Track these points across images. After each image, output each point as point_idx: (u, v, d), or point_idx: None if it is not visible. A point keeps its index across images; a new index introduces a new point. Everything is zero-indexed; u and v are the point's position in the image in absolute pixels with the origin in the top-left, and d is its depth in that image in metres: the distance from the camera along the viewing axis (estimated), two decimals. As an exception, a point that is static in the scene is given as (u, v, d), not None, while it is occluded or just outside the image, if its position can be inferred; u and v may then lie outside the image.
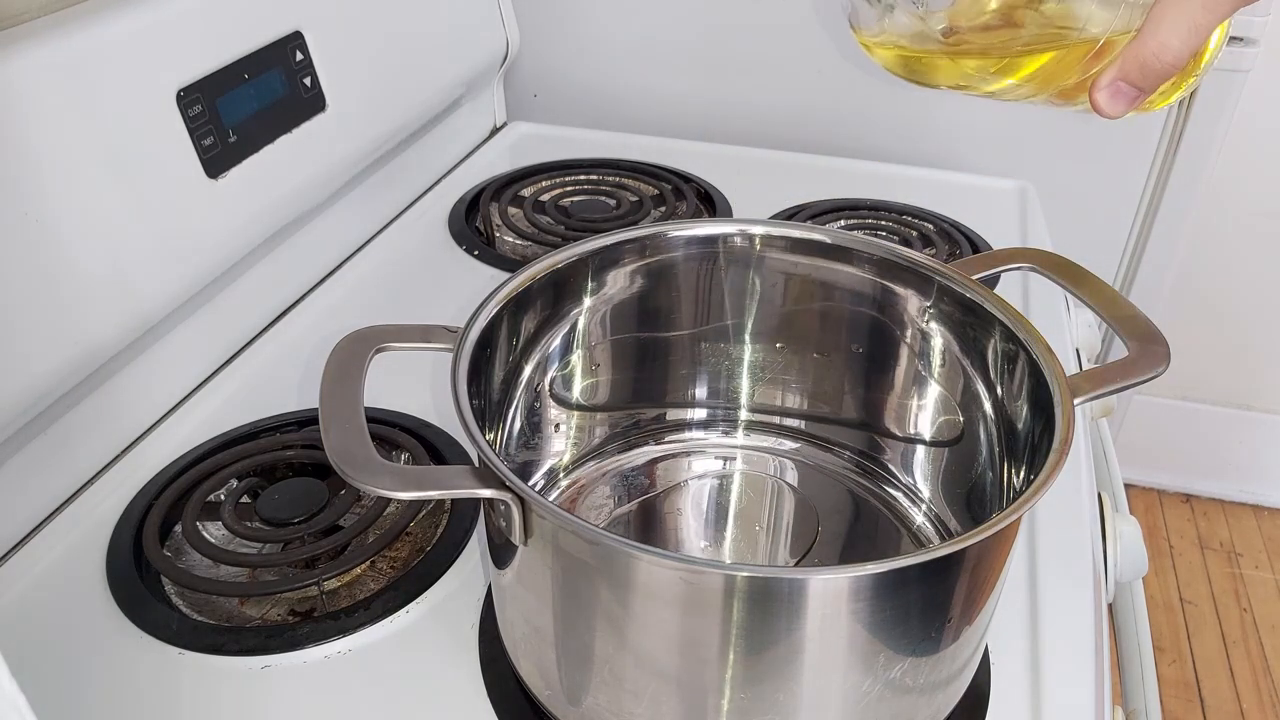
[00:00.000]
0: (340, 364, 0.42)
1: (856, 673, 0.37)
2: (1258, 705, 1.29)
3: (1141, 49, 0.39)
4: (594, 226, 0.85)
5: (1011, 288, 0.77)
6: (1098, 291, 0.48)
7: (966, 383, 0.49)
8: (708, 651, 0.37)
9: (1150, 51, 0.39)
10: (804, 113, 1.09)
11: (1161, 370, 0.44)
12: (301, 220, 0.76)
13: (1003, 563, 0.41)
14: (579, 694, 0.41)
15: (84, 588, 0.52)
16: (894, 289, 0.51)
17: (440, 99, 0.91)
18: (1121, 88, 0.41)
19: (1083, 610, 0.51)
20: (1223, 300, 1.42)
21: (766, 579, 0.35)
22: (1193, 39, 0.39)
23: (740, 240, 0.53)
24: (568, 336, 0.52)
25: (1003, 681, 0.47)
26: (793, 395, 0.57)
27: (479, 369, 0.44)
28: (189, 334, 0.66)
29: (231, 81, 0.65)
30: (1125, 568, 0.64)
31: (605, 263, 0.51)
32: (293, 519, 0.54)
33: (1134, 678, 0.71)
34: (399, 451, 0.60)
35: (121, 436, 0.62)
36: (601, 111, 1.14)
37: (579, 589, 0.38)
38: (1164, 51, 0.39)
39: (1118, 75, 0.41)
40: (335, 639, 0.48)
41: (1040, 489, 0.36)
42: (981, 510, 0.49)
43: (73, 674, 0.47)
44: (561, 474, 0.56)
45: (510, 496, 0.37)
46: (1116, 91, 0.41)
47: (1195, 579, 1.47)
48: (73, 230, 0.54)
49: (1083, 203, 1.11)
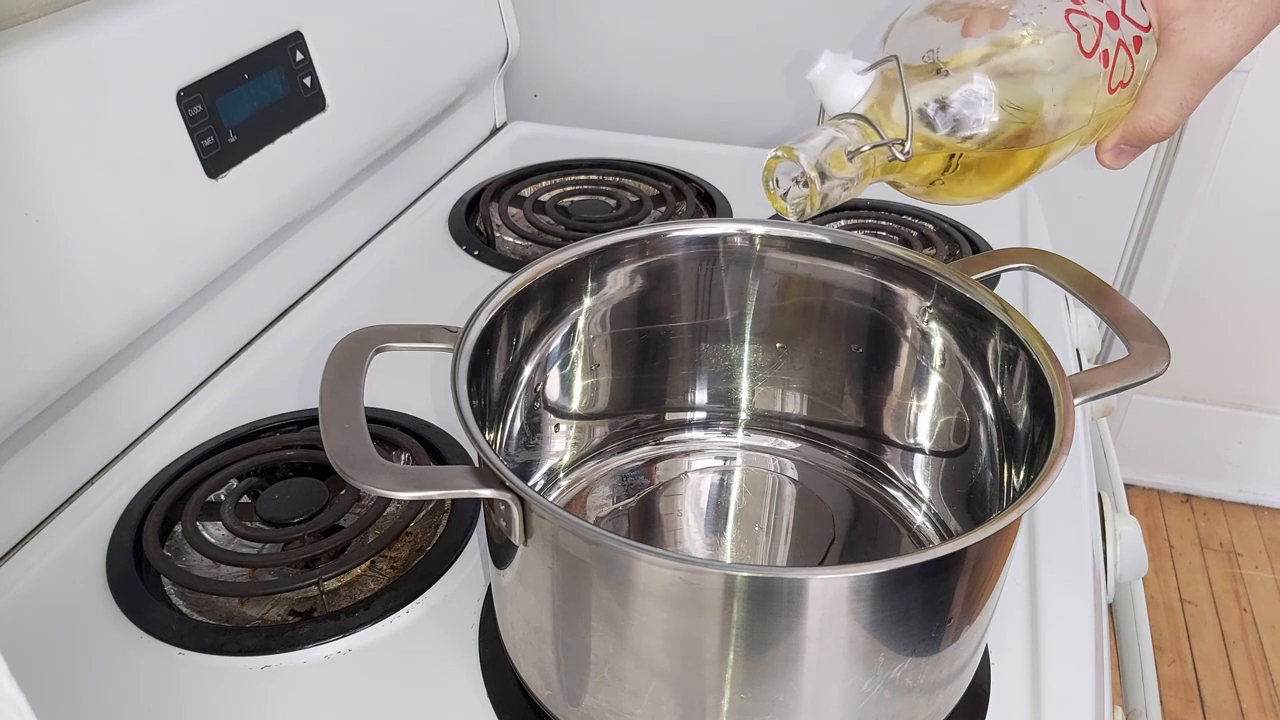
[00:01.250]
0: (340, 364, 0.42)
1: (856, 673, 0.37)
2: (1258, 705, 1.29)
3: (1140, 121, 0.45)
4: (594, 226, 0.85)
5: (1011, 288, 0.77)
6: (1098, 291, 0.48)
7: (966, 383, 0.49)
8: (708, 651, 0.37)
9: (1148, 124, 0.45)
10: (804, 113, 1.09)
11: (1161, 370, 0.44)
12: (301, 220, 0.76)
13: (1003, 563, 0.41)
14: (579, 694, 0.41)
15: (84, 588, 0.52)
16: (894, 289, 0.51)
17: (440, 99, 0.91)
18: (1124, 149, 0.46)
19: (1083, 610, 0.51)
20: (1223, 300, 1.42)
21: (766, 579, 0.35)
22: (1185, 111, 0.45)
23: (740, 240, 0.53)
24: (568, 336, 0.52)
25: (1003, 681, 0.47)
26: (793, 395, 0.57)
27: (479, 369, 0.44)
28: (189, 334, 0.66)
29: (231, 81, 0.65)
30: (1125, 568, 0.64)
31: (605, 263, 0.51)
32: (293, 519, 0.54)
33: (1134, 678, 0.71)
34: (399, 451, 0.60)
35: (121, 436, 0.62)
36: (601, 111, 1.15)
37: (579, 589, 0.38)
38: (1160, 124, 0.45)
39: (1120, 141, 0.46)
40: (335, 639, 0.48)
41: (1040, 489, 0.36)
42: (981, 510, 0.49)
43: (73, 674, 0.47)
44: (561, 474, 0.56)
45: (510, 496, 0.37)
46: (1119, 153, 0.47)
47: (1195, 579, 1.47)
48: (73, 230, 0.54)
49: (1083, 203, 1.11)
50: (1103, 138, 0.46)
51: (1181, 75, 0.44)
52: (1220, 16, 0.43)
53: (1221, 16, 0.42)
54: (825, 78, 0.43)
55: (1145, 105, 0.45)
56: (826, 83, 0.43)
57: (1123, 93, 0.44)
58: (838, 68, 0.43)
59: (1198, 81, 0.44)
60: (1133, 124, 0.45)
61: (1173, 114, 0.44)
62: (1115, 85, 0.43)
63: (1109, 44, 0.42)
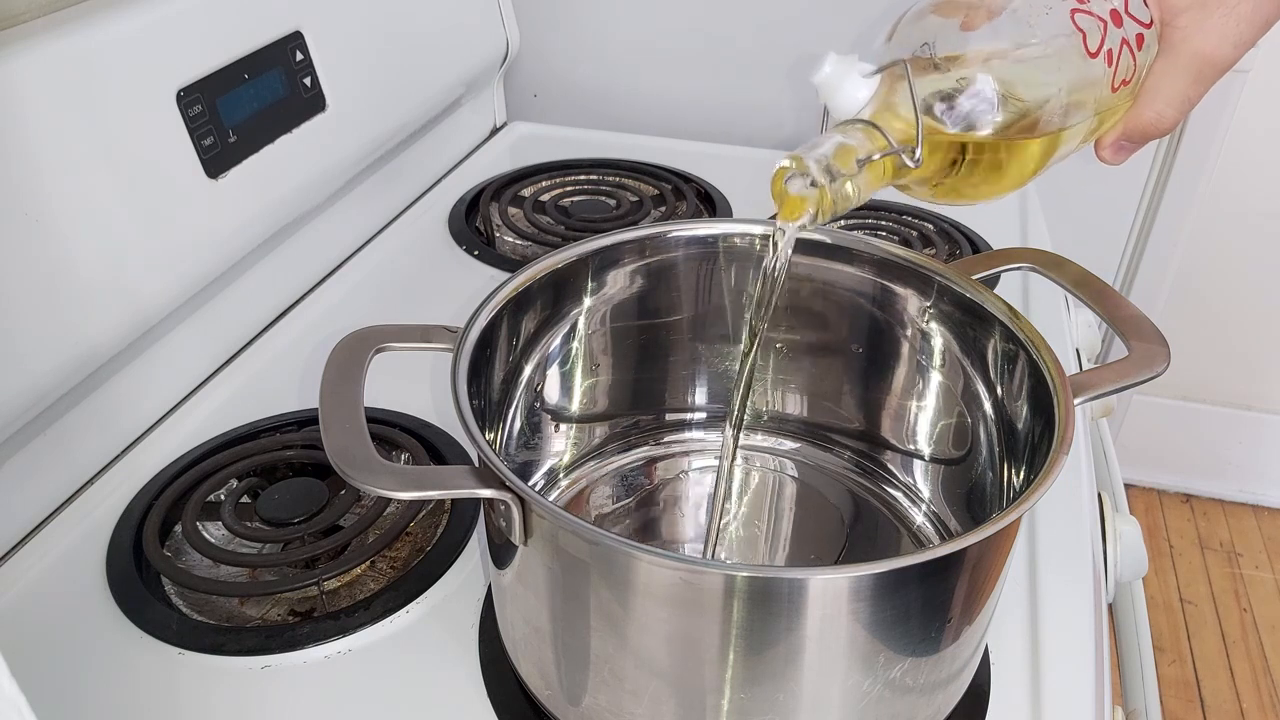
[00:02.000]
0: (340, 364, 0.42)
1: (856, 673, 0.37)
2: (1258, 705, 1.29)
3: (1141, 118, 0.45)
4: (594, 226, 0.85)
5: (1011, 288, 0.77)
6: (1098, 291, 0.48)
7: (966, 383, 0.49)
8: (708, 651, 0.37)
9: (1149, 120, 0.45)
10: (804, 112, 1.09)
11: (1161, 370, 0.44)
12: (301, 220, 0.76)
13: (1003, 563, 0.41)
14: (579, 694, 0.41)
15: (84, 588, 0.52)
16: (894, 289, 0.51)
17: (440, 99, 0.91)
18: (1124, 145, 0.46)
19: (1083, 610, 0.51)
20: (1223, 300, 1.42)
21: (766, 579, 0.35)
22: (1185, 109, 0.45)
23: (740, 240, 0.53)
24: (568, 336, 0.52)
25: (1003, 681, 0.47)
26: (792, 395, 0.57)
27: (479, 369, 0.44)
28: (189, 334, 0.66)
29: (232, 81, 0.65)
30: (1125, 568, 0.64)
31: (605, 263, 0.51)
32: (293, 519, 0.54)
33: (1134, 678, 0.71)
34: (399, 451, 0.60)
35: (121, 436, 0.62)
36: (601, 111, 1.15)
37: (579, 589, 0.38)
38: (1161, 121, 0.45)
39: (1120, 137, 0.46)
40: (335, 639, 0.48)
41: (1040, 489, 0.36)
42: (981, 510, 0.49)
43: (73, 674, 0.47)
44: (561, 474, 0.56)
45: (510, 496, 0.37)
46: (1119, 149, 0.46)
47: (1195, 579, 1.47)
48: (73, 230, 0.54)
49: (1083, 203, 1.11)
50: (1103, 135, 0.46)
51: (1183, 73, 0.44)
52: (1223, 14, 0.42)
53: (1224, 14, 0.42)
54: (831, 81, 0.43)
55: (1146, 102, 0.45)
56: (832, 86, 0.43)
57: (1125, 90, 0.44)
58: (843, 70, 0.43)
59: (1199, 79, 0.44)
60: (1134, 121, 0.45)
61: (1174, 111, 0.44)
62: (1118, 84, 0.43)
63: (1113, 44, 0.42)
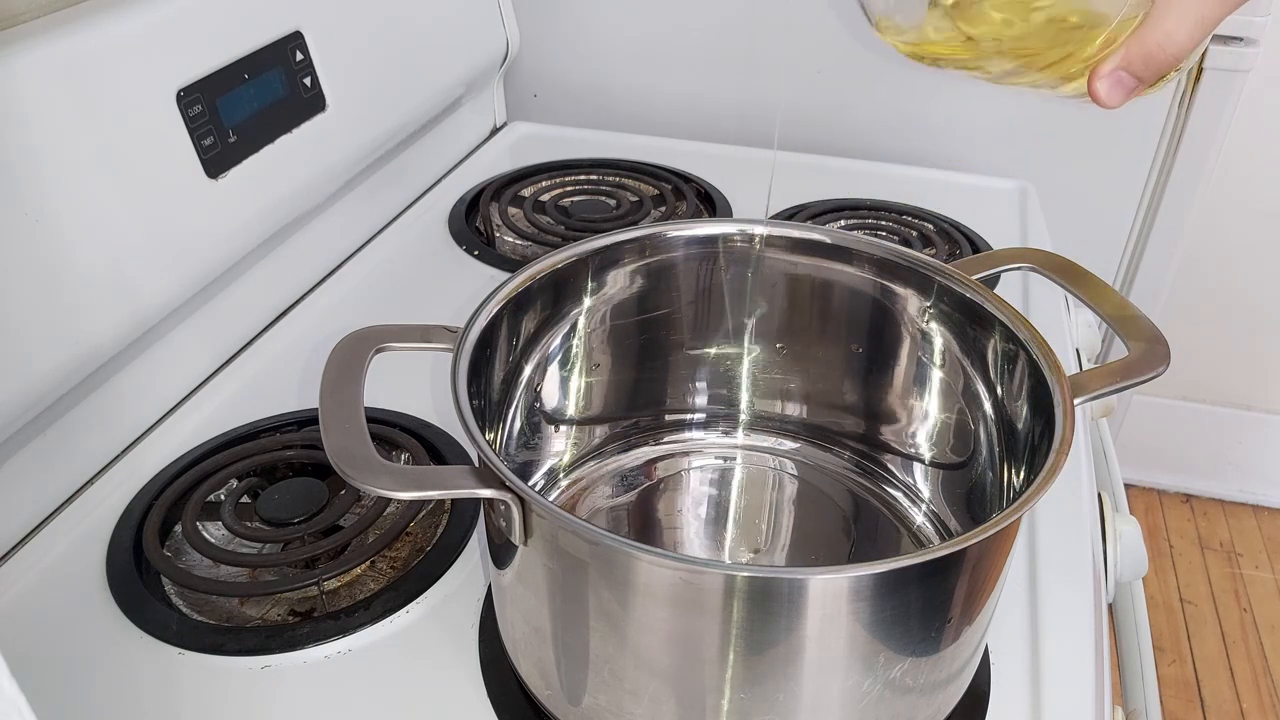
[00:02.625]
0: (340, 364, 0.42)
1: (856, 673, 0.37)
2: (1258, 705, 1.29)
3: (1146, 39, 0.39)
4: (594, 226, 0.85)
5: (1011, 288, 0.77)
6: (1098, 291, 0.48)
7: (967, 383, 0.49)
8: (708, 651, 0.37)
9: (1155, 42, 0.38)
10: (804, 112, 1.09)
11: (1161, 370, 0.44)
12: (301, 220, 0.76)
13: (1003, 563, 0.41)
14: (579, 694, 0.41)
15: (84, 588, 0.52)
16: (894, 289, 0.51)
17: (440, 99, 0.91)
18: (1122, 77, 0.40)
19: (1083, 610, 0.51)
20: (1223, 300, 1.42)
21: (766, 579, 0.35)
22: (1199, 31, 0.38)
23: (740, 240, 0.53)
24: (568, 336, 0.52)
25: (1003, 681, 0.47)
26: (793, 395, 0.57)
27: (479, 369, 0.44)
28: (189, 334, 0.66)
29: (231, 81, 0.65)
30: (1125, 568, 0.64)
31: (605, 263, 0.51)
32: (293, 519, 0.54)
33: (1134, 678, 0.71)
34: (399, 451, 0.60)
35: (121, 436, 0.62)
36: (601, 111, 1.14)
37: (579, 589, 0.38)
38: (1169, 43, 0.38)
39: (1120, 65, 0.40)
40: (335, 639, 0.48)
41: (1040, 489, 0.36)
42: (981, 510, 0.49)
43: (73, 674, 0.47)
44: (561, 474, 0.56)
45: (510, 496, 0.37)
46: (1117, 82, 0.40)
47: (1195, 579, 1.47)
48: (73, 230, 0.54)
49: (1083, 203, 1.11)
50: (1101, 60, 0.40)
51: None
52: None
53: None
54: None
55: (1154, 21, 0.38)
56: None
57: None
58: None
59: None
60: (1138, 42, 0.39)
61: (1185, 31, 0.38)
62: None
63: None
